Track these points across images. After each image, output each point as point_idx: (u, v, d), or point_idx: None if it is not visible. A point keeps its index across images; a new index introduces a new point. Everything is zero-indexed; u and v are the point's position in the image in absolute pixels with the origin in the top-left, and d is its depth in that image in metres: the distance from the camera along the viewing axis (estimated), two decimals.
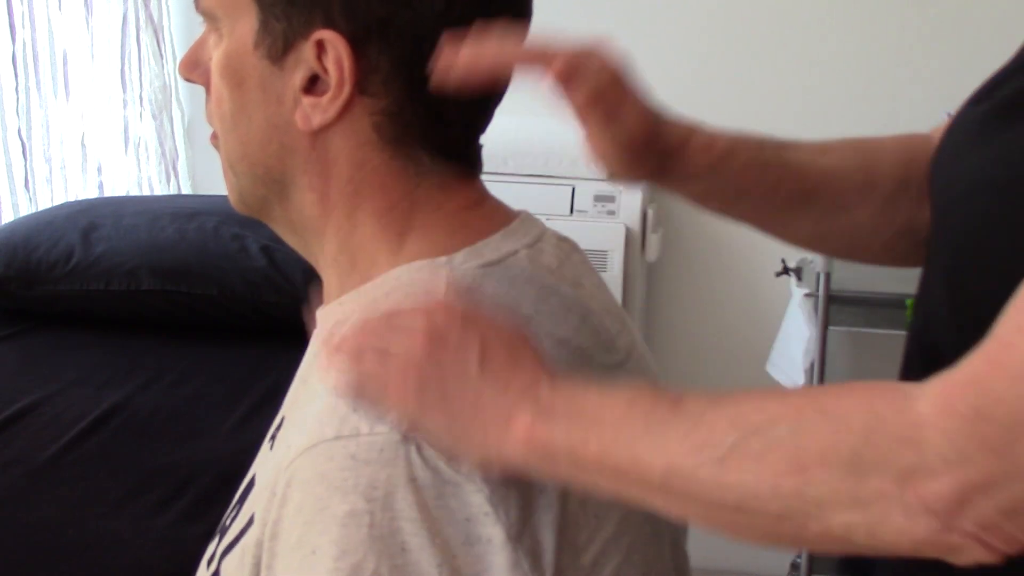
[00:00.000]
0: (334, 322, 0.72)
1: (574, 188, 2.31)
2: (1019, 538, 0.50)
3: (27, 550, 1.32)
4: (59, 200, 2.29)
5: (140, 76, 2.54)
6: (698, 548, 0.96)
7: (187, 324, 1.99)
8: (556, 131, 2.40)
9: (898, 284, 2.33)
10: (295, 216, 0.73)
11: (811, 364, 2.22)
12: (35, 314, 2.00)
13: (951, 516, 0.50)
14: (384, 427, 0.61)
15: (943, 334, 0.68)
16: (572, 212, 2.30)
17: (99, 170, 2.45)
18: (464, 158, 0.72)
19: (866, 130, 0.89)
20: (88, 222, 2.04)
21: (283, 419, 0.74)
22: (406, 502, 0.59)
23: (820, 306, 2.19)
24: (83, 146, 2.39)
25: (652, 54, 2.49)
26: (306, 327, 0.76)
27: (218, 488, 1.40)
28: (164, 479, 1.47)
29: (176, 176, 2.65)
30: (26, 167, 2.20)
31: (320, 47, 0.66)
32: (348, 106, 0.67)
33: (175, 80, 2.61)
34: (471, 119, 0.72)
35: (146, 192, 2.58)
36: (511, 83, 0.71)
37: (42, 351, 1.90)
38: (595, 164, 0.78)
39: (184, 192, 2.68)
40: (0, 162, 2.13)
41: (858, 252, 0.90)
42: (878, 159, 0.84)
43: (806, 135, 0.85)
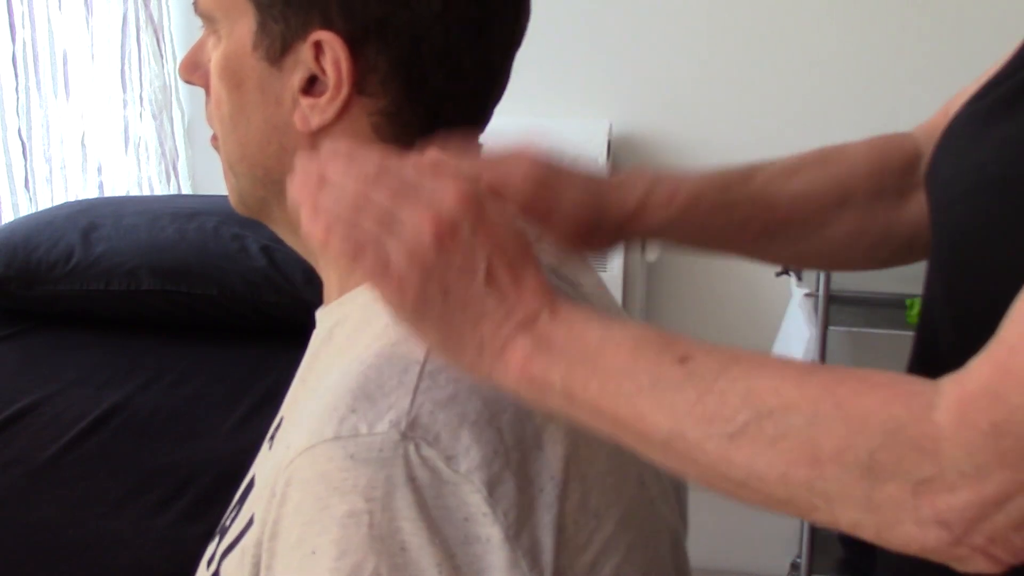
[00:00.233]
0: (334, 322, 0.72)
1: None
2: None
3: (27, 550, 1.32)
4: (59, 200, 2.29)
5: (140, 76, 2.54)
6: (698, 548, 0.96)
7: (187, 324, 1.99)
8: (556, 131, 2.41)
9: (898, 284, 2.33)
10: (295, 217, 0.73)
11: None
12: (35, 314, 2.00)
13: (964, 531, 0.49)
14: (383, 426, 0.61)
15: (942, 334, 0.68)
16: None
17: (99, 170, 2.45)
18: None
19: (866, 130, 0.89)
20: (88, 222, 2.04)
21: (282, 419, 0.74)
22: (405, 502, 0.58)
23: (820, 306, 2.19)
24: (83, 146, 2.39)
25: (652, 54, 2.50)
26: (307, 327, 0.75)
27: (218, 488, 1.41)
28: (164, 479, 1.47)
29: (176, 176, 2.65)
30: (26, 167, 2.20)
31: (318, 48, 0.66)
32: (346, 107, 0.67)
33: (175, 80, 2.61)
34: (469, 118, 0.72)
35: (146, 192, 2.58)
36: None
37: (42, 351, 1.90)
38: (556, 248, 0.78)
39: (184, 192, 2.68)
40: (0, 162, 2.13)
41: (840, 264, 0.91)
42: (850, 173, 0.83)
43: (806, 135, 0.86)
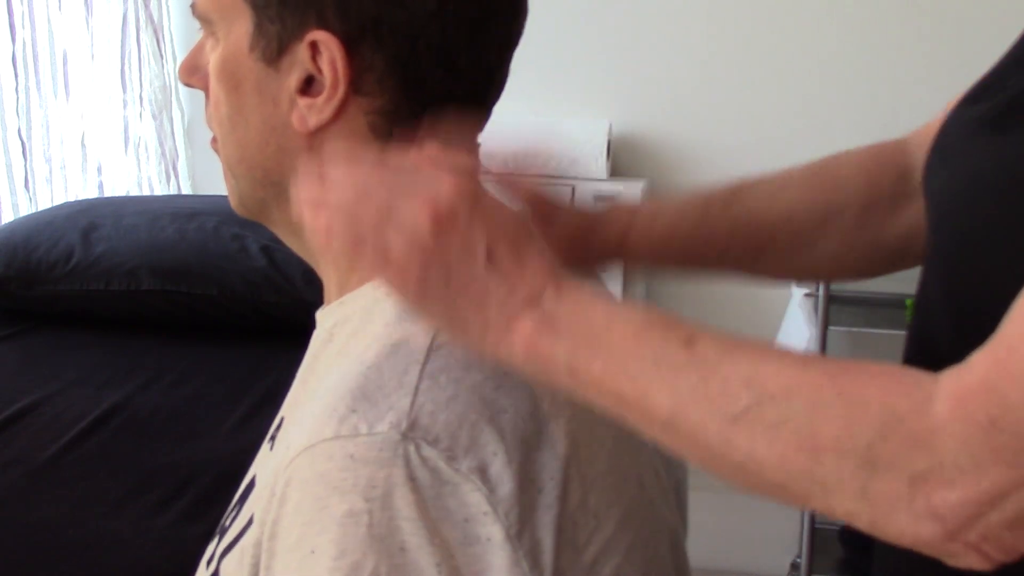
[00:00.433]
0: (334, 322, 0.72)
1: (574, 188, 2.31)
2: (1018, 547, 0.50)
3: (27, 550, 1.32)
4: (59, 200, 2.29)
5: (140, 76, 2.54)
6: (698, 548, 0.96)
7: (187, 324, 1.99)
8: (556, 131, 2.41)
9: (898, 284, 2.32)
10: (294, 218, 0.73)
11: None
12: (35, 314, 2.00)
13: (958, 526, 0.50)
14: (383, 427, 0.60)
15: (941, 336, 0.68)
16: None
17: (99, 170, 2.45)
18: None
19: (866, 131, 0.89)
20: (88, 222, 2.04)
21: (283, 419, 0.74)
22: (405, 501, 0.58)
23: (820, 306, 2.18)
24: (83, 146, 2.39)
25: (652, 54, 2.49)
26: (308, 327, 0.75)
27: (218, 488, 1.40)
28: (164, 479, 1.47)
29: (176, 176, 2.65)
30: (26, 167, 2.20)
31: (314, 48, 0.66)
32: (343, 106, 0.68)
33: (175, 80, 2.61)
34: (467, 117, 0.72)
35: (146, 192, 2.58)
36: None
37: (42, 351, 1.90)
38: None
39: (184, 192, 2.68)
40: (0, 162, 2.13)
41: (829, 277, 0.91)
42: (839, 187, 0.83)
43: (806, 135, 0.86)
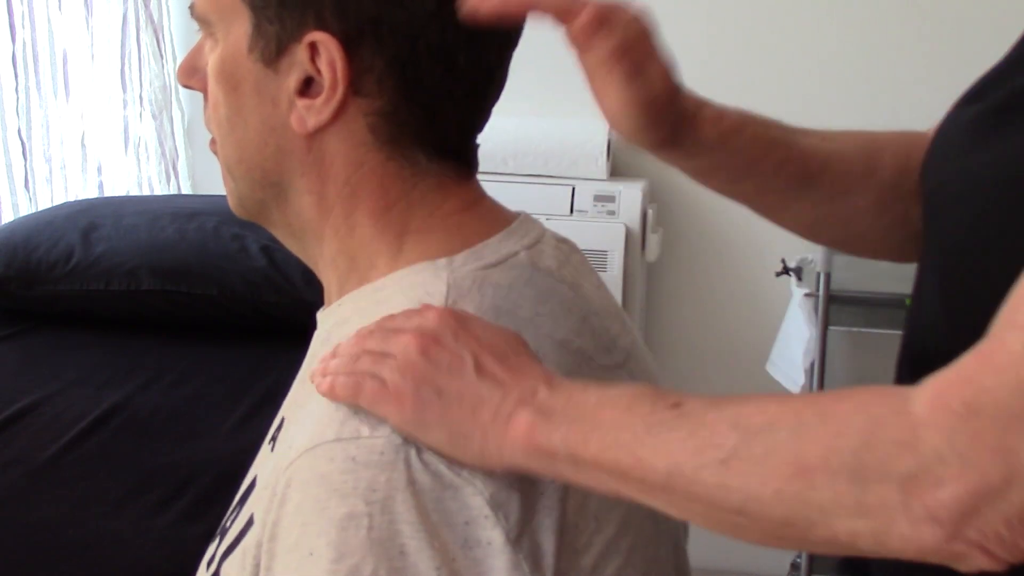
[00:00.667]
0: (333, 323, 0.72)
1: (574, 188, 2.31)
2: (1022, 547, 0.50)
3: (27, 550, 1.32)
4: (59, 200, 2.29)
5: (140, 76, 2.54)
6: (698, 548, 0.96)
7: (187, 324, 1.99)
8: (556, 131, 2.40)
9: (898, 284, 2.33)
10: (293, 219, 0.73)
11: (811, 364, 2.21)
12: (35, 314, 1.99)
13: (957, 525, 0.49)
14: (385, 430, 0.61)
15: (936, 336, 0.68)
16: (572, 212, 2.30)
17: (99, 170, 2.45)
18: (461, 157, 0.72)
19: (866, 130, 0.89)
20: (88, 222, 2.04)
21: (283, 420, 0.74)
22: (405, 505, 0.58)
23: (820, 306, 2.18)
24: (83, 146, 2.39)
25: None
26: (307, 327, 0.76)
27: (218, 488, 1.40)
28: (164, 479, 1.47)
29: (176, 176, 2.65)
30: (26, 167, 2.20)
31: (313, 49, 0.66)
32: (342, 107, 0.67)
33: (175, 80, 2.61)
34: (467, 118, 0.72)
35: (146, 192, 2.58)
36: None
37: (42, 351, 1.90)
38: (609, 123, 0.75)
39: (184, 192, 2.68)
40: (0, 162, 2.13)
41: (854, 241, 0.90)
42: (879, 148, 0.84)
43: None
